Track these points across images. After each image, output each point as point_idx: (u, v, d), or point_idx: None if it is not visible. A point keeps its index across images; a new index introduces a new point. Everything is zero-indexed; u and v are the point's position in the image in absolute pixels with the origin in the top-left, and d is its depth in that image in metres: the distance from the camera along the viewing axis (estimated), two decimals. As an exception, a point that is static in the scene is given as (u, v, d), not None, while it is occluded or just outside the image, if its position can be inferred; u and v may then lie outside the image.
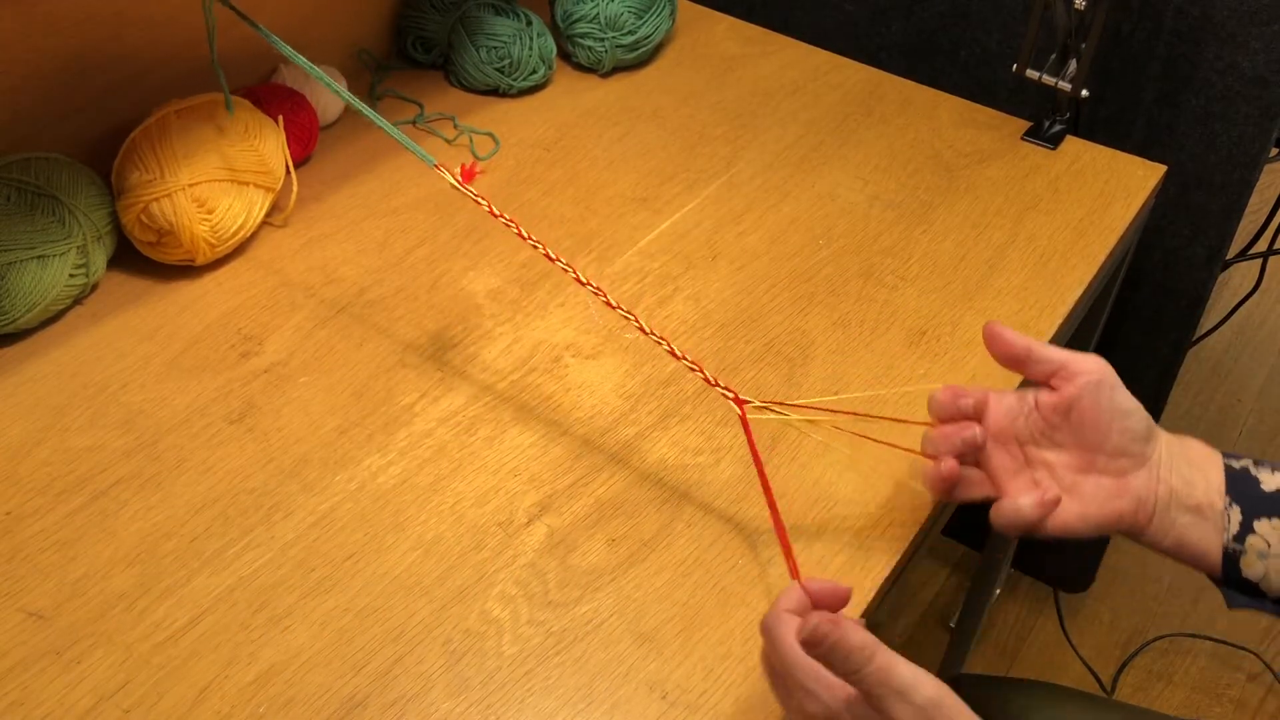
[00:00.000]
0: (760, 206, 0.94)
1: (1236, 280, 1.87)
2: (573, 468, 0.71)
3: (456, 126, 1.01)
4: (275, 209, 0.88)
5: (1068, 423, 0.61)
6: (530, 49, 1.04)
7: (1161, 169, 1.00)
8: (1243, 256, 1.25)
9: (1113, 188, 0.98)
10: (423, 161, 0.72)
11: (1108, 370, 0.61)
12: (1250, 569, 0.59)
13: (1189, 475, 0.60)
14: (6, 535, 0.65)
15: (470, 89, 1.06)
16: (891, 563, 0.66)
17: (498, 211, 0.70)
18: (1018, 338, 0.62)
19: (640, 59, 1.11)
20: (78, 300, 0.80)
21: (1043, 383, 0.62)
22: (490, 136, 1.00)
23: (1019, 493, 0.61)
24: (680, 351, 0.67)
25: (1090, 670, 1.45)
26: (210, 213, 0.80)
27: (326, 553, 0.65)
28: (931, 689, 0.49)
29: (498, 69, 1.04)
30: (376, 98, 1.04)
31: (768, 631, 0.54)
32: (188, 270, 0.83)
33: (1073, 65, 1.01)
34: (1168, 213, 1.14)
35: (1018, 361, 0.63)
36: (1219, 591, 0.61)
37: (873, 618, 0.65)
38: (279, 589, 0.63)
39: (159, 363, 0.76)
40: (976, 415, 0.63)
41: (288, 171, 0.87)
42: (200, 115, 0.82)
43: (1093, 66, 0.99)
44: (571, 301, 0.83)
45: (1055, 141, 1.02)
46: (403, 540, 0.66)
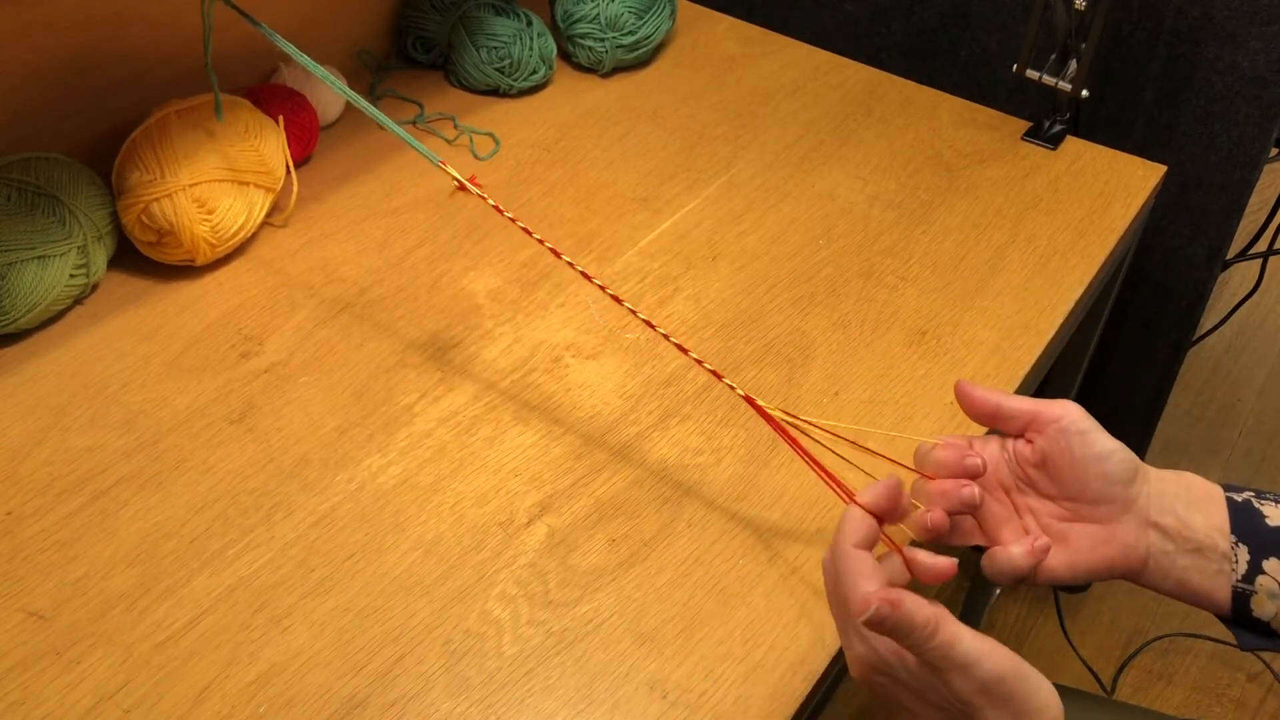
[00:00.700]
0: (760, 206, 0.94)
1: (1236, 280, 1.87)
2: (573, 468, 0.71)
3: (457, 126, 1.01)
4: (276, 209, 0.88)
5: (1045, 474, 0.60)
6: (530, 49, 1.04)
7: (1161, 169, 1.00)
8: (1243, 256, 1.25)
9: (1113, 188, 0.98)
10: (423, 161, 0.72)
11: (1079, 414, 0.59)
12: (1261, 609, 0.57)
13: (1185, 515, 0.59)
14: (7, 535, 0.65)
15: (470, 89, 1.06)
16: (892, 563, 0.66)
17: (504, 209, 0.70)
18: (985, 394, 0.61)
19: (640, 59, 1.11)
20: (78, 300, 0.80)
21: (1017, 436, 0.61)
22: (490, 136, 1.00)
23: (1010, 540, 0.60)
24: (698, 356, 0.66)
25: (1090, 670, 1.45)
26: (210, 213, 0.80)
27: (327, 553, 0.65)
28: (995, 664, 0.49)
29: (498, 69, 1.04)
30: (376, 98, 1.04)
31: (829, 571, 0.55)
32: (188, 270, 0.83)
33: (1073, 65, 1.01)
34: (1168, 213, 1.14)
35: (988, 419, 0.62)
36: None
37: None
38: (279, 589, 0.63)
39: (159, 363, 0.76)
40: (981, 475, 0.62)
41: (288, 171, 0.87)
42: (201, 115, 0.82)
43: (1093, 66, 0.99)
44: (572, 301, 0.83)
45: (1055, 142, 1.03)
46: (403, 540, 0.66)
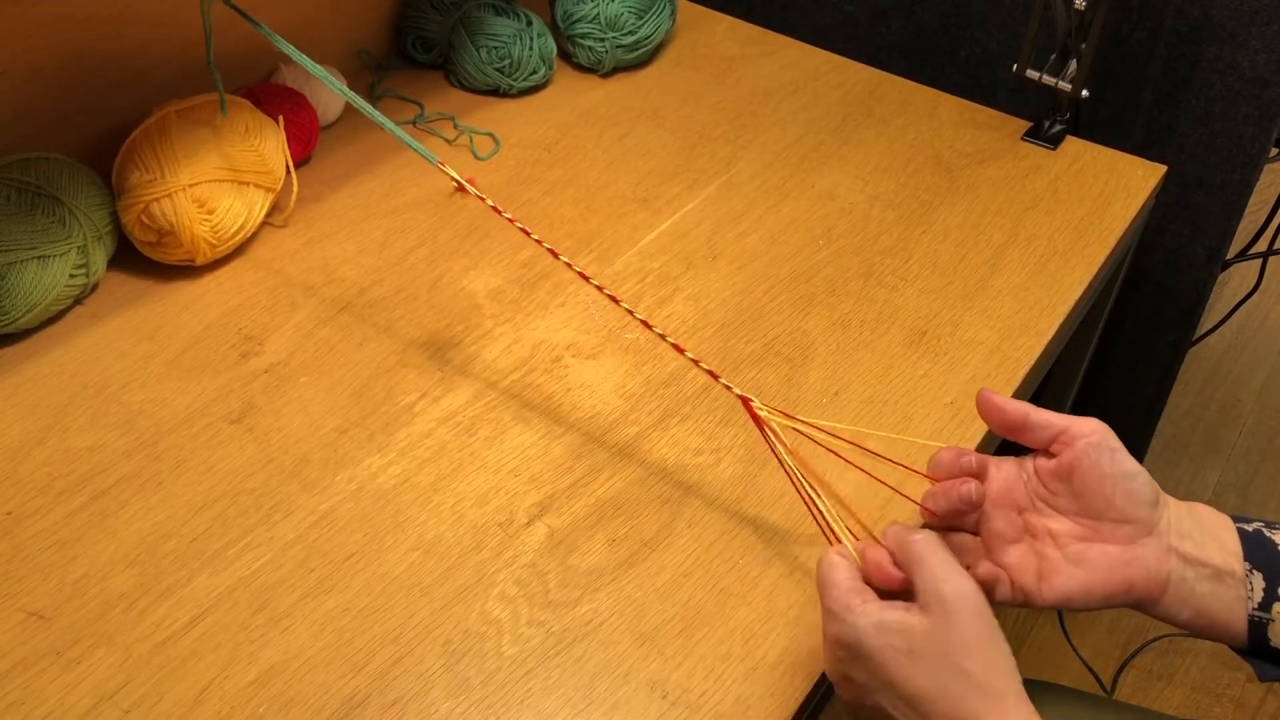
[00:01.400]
0: (760, 206, 0.94)
1: (1236, 280, 1.87)
2: (573, 468, 0.71)
3: (456, 126, 1.01)
4: (275, 209, 0.88)
5: (1069, 489, 0.58)
6: (530, 49, 1.04)
7: (1161, 169, 1.00)
8: (1243, 256, 1.25)
9: (1113, 188, 0.98)
10: (423, 161, 0.72)
11: (1108, 433, 0.58)
12: (1278, 638, 0.56)
13: (1201, 540, 0.57)
14: (7, 535, 0.65)
15: (470, 89, 1.06)
16: (892, 563, 0.66)
17: (503, 210, 0.70)
18: (1014, 405, 0.60)
19: (640, 59, 1.11)
20: (78, 300, 0.80)
21: (1042, 449, 0.60)
22: (490, 136, 1.00)
23: (1014, 564, 0.59)
24: (694, 355, 0.66)
25: (1090, 670, 1.45)
26: (210, 213, 0.80)
27: (327, 553, 0.65)
28: (954, 588, 0.51)
29: (498, 69, 1.04)
30: (376, 98, 1.04)
31: (819, 569, 0.56)
32: (188, 270, 0.83)
33: (1073, 65, 1.01)
34: (1168, 213, 1.14)
35: (1014, 429, 0.60)
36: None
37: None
38: (279, 589, 0.63)
39: (159, 363, 0.76)
40: (979, 475, 0.61)
41: (288, 171, 0.87)
42: (201, 115, 0.82)
43: (1093, 66, 0.99)
44: (572, 301, 0.83)
45: (1055, 142, 1.03)
46: (403, 540, 0.66)
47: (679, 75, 1.11)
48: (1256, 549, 0.57)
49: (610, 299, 0.68)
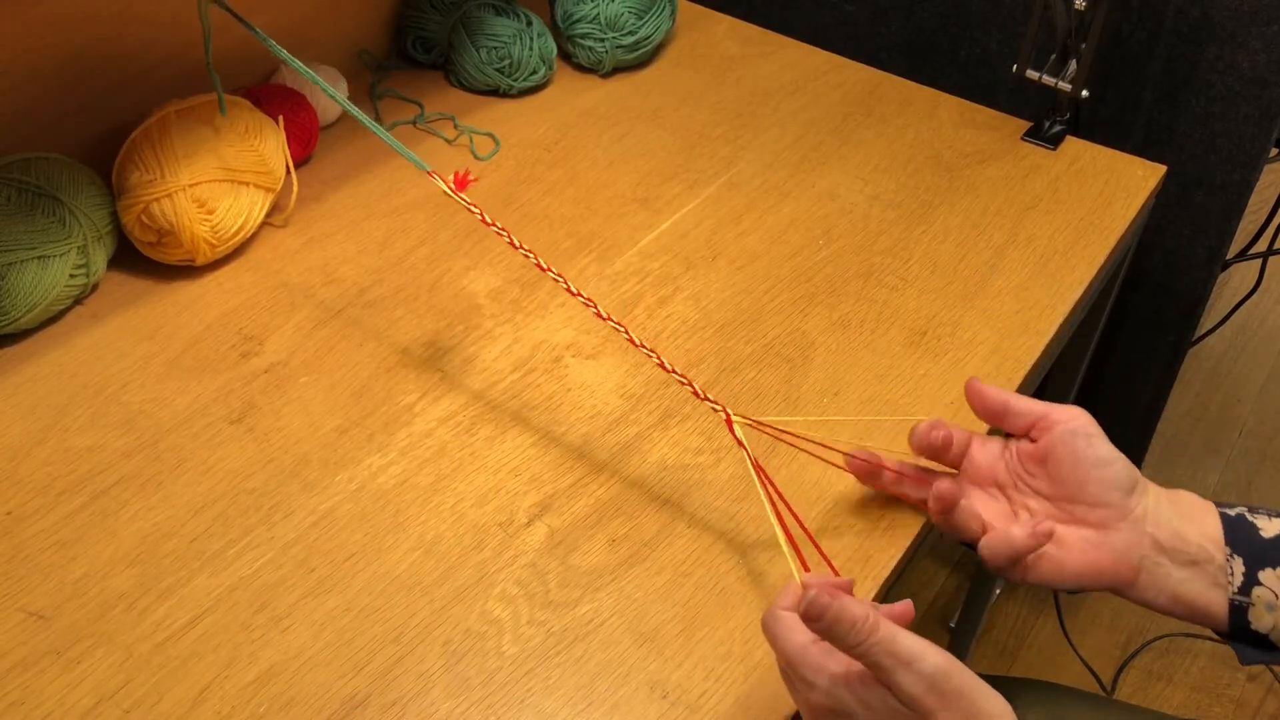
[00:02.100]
0: (760, 206, 0.94)
1: (1236, 280, 1.87)
2: (573, 468, 0.71)
3: (457, 127, 1.01)
4: (275, 209, 0.88)
5: (1045, 472, 0.61)
6: (530, 49, 1.04)
7: (1161, 169, 1.00)
8: (1243, 256, 1.25)
9: (1113, 188, 0.98)
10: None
11: (1087, 420, 0.60)
12: (1259, 622, 0.57)
13: (1179, 527, 0.59)
14: (7, 535, 0.65)
15: (470, 89, 1.06)
16: (892, 563, 0.66)
17: (490, 220, 0.70)
18: (995, 393, 0.63)
19: (640, 59, 1.11)
20: (78, 300, 0.80)
21: (1023, 435, 0.62)
22: (490, 137, 1.00)
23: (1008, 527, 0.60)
24: (670, 365, 0.66)
25: (1090, 670, 1.45)
26: (210, 213, 0.80)
27: (327, 553, 0.65)
28: (938, 658, 0.49)
29: (498, 69, 1.04)
30: (376, 98, 1.04)
31: (766, 629, 0.55)
32: (188, 270, 0.83)
33: (1073, 66, 1.01)
34: (1168, 213, 1.14)
35: (996, 415, 0.63)
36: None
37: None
38: (279, 589, 0.63)
39: (159, 363, 0.76)
40: (953, 451, 0.63)
41: (288, 171, 0.87)
42: (201, 115, 0.82)
43: (1093, 67, 0.99)
44: (572, 302, 0.83)
45: (1055, 142, 1.03)
46: (403, 540, 0.66)
47: (679, 75, 1.11)
48: (1238, 533, 0.58)
49: (586, 303, 0.68)
